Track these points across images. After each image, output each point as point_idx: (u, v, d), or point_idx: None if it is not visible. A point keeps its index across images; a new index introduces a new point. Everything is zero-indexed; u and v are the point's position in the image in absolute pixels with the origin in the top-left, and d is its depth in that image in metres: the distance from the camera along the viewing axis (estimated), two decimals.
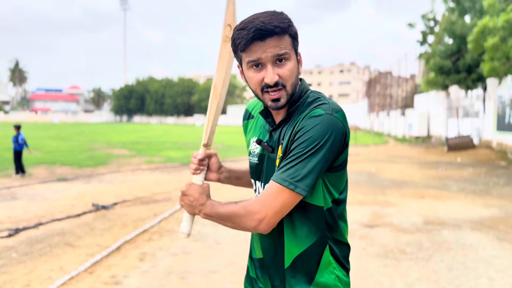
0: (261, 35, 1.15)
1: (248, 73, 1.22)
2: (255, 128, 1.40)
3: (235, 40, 1.20)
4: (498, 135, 16.96)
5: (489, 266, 4.23)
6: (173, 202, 7.09)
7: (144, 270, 4.01)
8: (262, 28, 1.14)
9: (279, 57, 1.17)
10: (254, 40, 1.16)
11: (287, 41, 1.19)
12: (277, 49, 1.17)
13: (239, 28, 1.19)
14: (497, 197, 7.93)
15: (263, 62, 1.18)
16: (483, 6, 13.40)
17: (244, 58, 1.21)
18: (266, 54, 1.17)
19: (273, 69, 1.18)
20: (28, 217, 5.96)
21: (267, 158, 1.30)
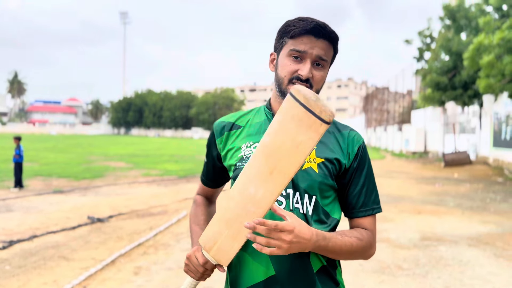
0: (318, 32, 1.20)
1: (285, 60, 1.24)
2: (248, 133, 1.31)
3: (288, 27, 1.23)
4: (495, 151, 17.03)
5: (486, 283, 4.20)
6: (169, 215, 7.05)
7: (138, 284, 3.97)
8: (322, 26, 1.20)
9: (320, 61, 1.23)
10: (310, 33, 1.20)
11: (331, 52, 1.25)
12: (323, 52, 1.22)
13: (297, 18, 1.23)
14: (494, 213, 7.92)
15: (305, 56, 1.21)
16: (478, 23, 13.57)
17: (288, 45, 1.23)
18: (313, 51, 1.21)
19: (310, 66, 1.21)
20: (22, 230, 5.91)
21: None
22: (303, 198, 1.20)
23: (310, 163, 1.21)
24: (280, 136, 1.06)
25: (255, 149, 1.13)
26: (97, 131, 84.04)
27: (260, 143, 1.11)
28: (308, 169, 1.20)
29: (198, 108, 76.53)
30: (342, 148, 1.26)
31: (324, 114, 1.02)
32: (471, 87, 16.66)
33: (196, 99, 79.75)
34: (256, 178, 1.08)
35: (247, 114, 1.39)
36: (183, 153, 24.81)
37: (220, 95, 77.31)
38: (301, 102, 1.03)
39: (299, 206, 1.20)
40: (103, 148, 27.65)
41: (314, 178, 1.20)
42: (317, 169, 1.21)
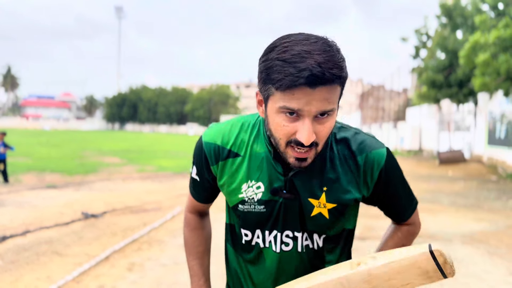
0: (315, 81, 0.89)
1: (277, 117, 0.96)
2: (249, 170, 1.12)
3: (272, 73, 0.93)
4: (489, 149, 17.12)
5: (480, 281, 4.22)
6: (163, 211, 7.03)
7: (132, 280, 3.95)
8: (319, 75, 0.89)
9: (323, 113, 0.95)
10: (303, 85, 0.90)
11: (337, 92, 0.95)
12: (325, 103, 0.93)
13: (283, 57, 0.91)
14: (487, 211, 7.96)
15: (302, 114, 0.94)
16: (475, 22, 13.61)
17: (276, 98, 0.94)
18: (310, 107, 0.92)
19: (312, 125, 0.94)
20: (15, 225, 5.86)
21: (282, 205, 1.10)
22: (312, 237, 1.13)
23: (319, 208, 1.09)
24: (393, 274, 0.96)
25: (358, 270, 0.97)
26: (91, 126, 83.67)
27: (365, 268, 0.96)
28: (317, 215, 1.10)
29: (193, 104, 76.42)
30: (359, 179, 1.09)
31: (450, 274, 0.95)
32: (466, 85, 16.73)
33: (191, 95, 79.63)
34: None
35: (241, 133, 1.14)
36: (177, 149, 24.76)
37: (216, 91, 77.20)
38: (438, 263, 0.94)
39: (308, 243, 1.13)
40: (97, 144, 27.54)
41: (323, 223, 1.11)
42: (327, 215, 1.10)
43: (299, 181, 1.08)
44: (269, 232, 1.12)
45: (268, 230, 1.13)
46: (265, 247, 1.13)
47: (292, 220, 1.11)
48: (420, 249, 0.93)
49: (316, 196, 1.08)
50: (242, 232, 1.16)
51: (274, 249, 1.12)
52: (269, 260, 1.13)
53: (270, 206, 1.10)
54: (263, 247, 1.14)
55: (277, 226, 1.12)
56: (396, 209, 1.19)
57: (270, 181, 1.09)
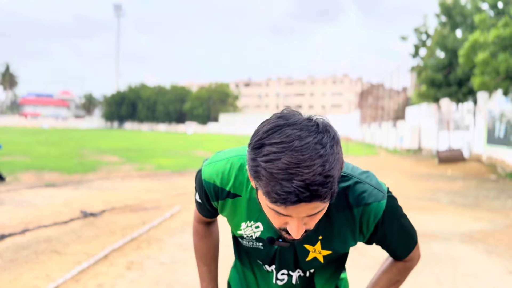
0: (304, 200, 0.86)
1: (267, 209, 0.95)
2: (249, 211, 1.13)
3: (261, 179, 0.87)
4: (488, 148, 17.13)
5: (478, 279, 4.22)
6: (162, 210, 7.02)
7: (131, 279, 3.95)
8: (306, 200, 0.85)
9: (312, 214, 0.93)
10: (293, 203, 0.86)
11: (327, 201, 0.90)
12: (314, 210, 0.91)
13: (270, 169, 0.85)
14: (486, 210, 7.97)
15: (291, 217, 0.93)
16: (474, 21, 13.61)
17: (264, 199, 0.92)
18: (298, 215, 0.91)
19: (302, 220, 0.94)
20: (14, 223, 5.85)
21: (278, 250, 1.15)
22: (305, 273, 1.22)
23: (314, 253, 1.13)
24: None
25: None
26: (90, 125, 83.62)
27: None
28: (312, 259, 1.15)
29: (192, 102, 76.36)
30: (354, 231, 1.11)
31: None
32: (466, 84, 16.74)
33: (190, 94, 79.55)
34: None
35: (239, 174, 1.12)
36: (176, 148, 24.75)
37: (215, 89, 77.16)
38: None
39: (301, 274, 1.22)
40: (96, 142, 27.51)
41: (318, 265, 1.18)
42: (322, 260, 1.16)
43: None
44: (267, 266, 1.23)
45: (267, 264, 1.22)
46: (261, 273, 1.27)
47: (287, 262, 1.18)
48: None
49: (312, 243, 1.12)
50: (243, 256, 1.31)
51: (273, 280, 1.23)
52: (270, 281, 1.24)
53: (267, 247, 1.16)
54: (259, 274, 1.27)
55: (274, 263, 1.20)
56: (393, 251, 1.21)
57: (269, 226, 1.12)
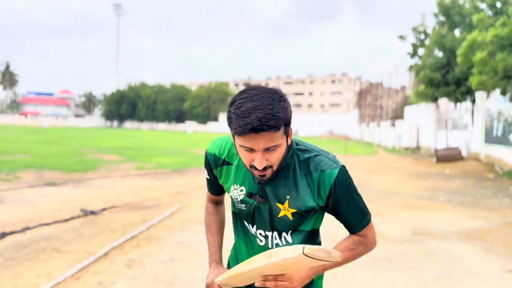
0: (257, 129, 1.22)
1: (240, 150, 1.33)
2: (236, 176, 1.49)
3: (232, 122, 1.27)
4: (486, 147, 17.18)
5: (475, 276, 4.27)
6: (162, 208, 7.06)
7: (131, 276, 3.99)
8: (258, 127, 1.22)
9: (270, 148, 1.29)
10: (251, 132, 1.23)
11: (279, 133, 1.27)
12: (269, 142, 1.27)
13: (237, 112, 1.25)
14: (484, 208, 8.02)
15: (255, 150, 1.29)
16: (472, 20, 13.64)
17: (237, 139, 1.31)
18: (258, 146, 1.27)
19: (263, 155, 1.29)
20: (15, 221, 5.89)
21: (255, 207, 1.45)
22: (281, 236, 1.45)
23: (284, 211, 1.41)
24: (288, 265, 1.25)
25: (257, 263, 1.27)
26: (89, 124, 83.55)
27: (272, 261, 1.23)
28: (283, 216, 1.42)
29: (192, 101, 76.29)
30: (313, 191, 1.39)
31: (333, 259, 1.20)
32: (464, 83, 16.77)
33: (190, 93, 79.48)
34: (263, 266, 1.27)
35: (232, 147, 1.51)
36: (176, 147, 24.78)
37: (214, 88, 77.10)
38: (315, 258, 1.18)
39: (278, 242, 1.46)
40: (96, 141, 27.53)
41: (288, 223, 1.43)
42: (291, 217, 1.42)
43: (269, 189, 1.42)
44: (249, 225, 1.51)
45: (248, 224, 1.51)
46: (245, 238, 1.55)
47: (263, 220, 1.44)
48: (296, 251, 1.17)
49: (281, 201, 1.41)
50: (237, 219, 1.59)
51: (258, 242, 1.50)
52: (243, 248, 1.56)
53: (248, 206, 1.46)
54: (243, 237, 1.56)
55: (253, 222, 1.47)
56: (347, 221, 1.45)
57: (249, 186, 1.45)
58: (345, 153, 22.45)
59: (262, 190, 1.43)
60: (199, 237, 5.39)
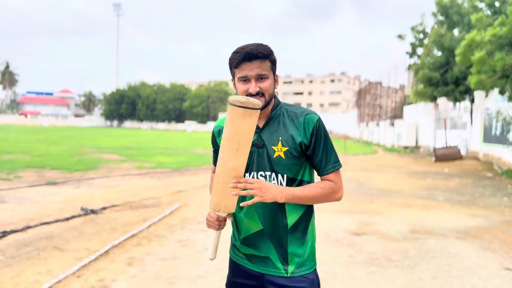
0: (249, 57, 1.63)
1: (238, 84, 1.70)
2: None
3: (231, 60, 1.68)
4: (485, 146, 17.23)
5: (473, 274, 4.31)
6: (162, 207, 7.10)
7: (132, 274, 4.03)
8: (250, 53, 1.63)
9: (261, 76, 1.66)
10: (244, 61, 1.64)
11: (267, 65, 1.68)
12: (259, 70, 1.65)
13: (234, 51, 1.67)
14: (482, 207, 8.06)
15: (249, 78, 1.66)
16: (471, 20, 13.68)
17: (236, 73, 1.69)
18: (251, 73, 1.65)
19: (256, 83, 1.67)
20: (16, 220, 5.92)
21: (255, 153, 1.75)
22: (277, 177, 1.73)
23: (278, 152, 1.71)
24: (234, 128, 1.61)
25: (222, 139, 1.65)
26: (89, 123, 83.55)
27: (223, 136, 1.64)
28: (277, 157, 1.71)
29: (192, 101, 76.28)
30: (300, 131, 1.73)
31: (253, 105, 1.58)
32: (462, 83, 16.80)
33: (190, 92, 79.47)
34: (229, 156, 1.63)
35: None
36: (176, 146, 24.81)
37: (214, 88, 77.11)
38: (238, 105, 1.58)
39: (275, 182, 1.73)
40: (96, 141, 27.56)
41: (283, 163, 1.72)
42: (284, 156, 1.71)
43: (265, 135, 1.74)
44: (249, 174, 1.75)
45: (248, 172, 1.75)
46: None
47: (262, 162, 1.73)
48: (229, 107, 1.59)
49: (275, 144, 1.71)
50: None
51: None
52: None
53: (249, 154, 1.71)
54: None
55: (253, 168, 1.74)
56: (321, 161, 1.75)
57: None
58: (344, 152, 22.48)
59: (260, 138, 1.74)
60: (199, 235, 5.43)
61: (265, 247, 1.77)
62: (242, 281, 1.84)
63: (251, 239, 1.79)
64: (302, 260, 1.77)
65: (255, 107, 1.58)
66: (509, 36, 11.21)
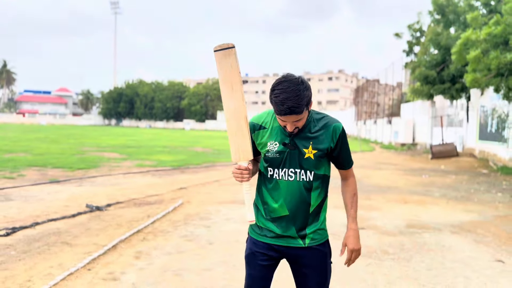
0: (290, 113, 1.90)
1: (279, 120, 2.00)
2: (271, 134, 2.10)
3: (272, 105, 1.94)
4: (481, 143, 17.45)
5: (466, 266, 4.51)
6: (165, 204, 7.28)
7: (140, 267, 4.21)
8: (290, 112, 1.89)
9: (297, 120, 1.96)
10: (284, 114, 1.91)
11: (303, 112, 1.94)
12: (295, 118, 1.94)
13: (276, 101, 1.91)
14: (477, 203, 8.27)
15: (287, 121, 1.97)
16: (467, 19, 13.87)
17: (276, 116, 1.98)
18: (290, 121, 1.95)
19: (292, 124, 1.97)
20: (23, 217, 6.09)
21: (288, 153, 2.06)
22: (306, 173, 2.07)
23: (309, 153, 2.04)
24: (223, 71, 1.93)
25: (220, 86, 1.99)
26: (87, 122, 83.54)
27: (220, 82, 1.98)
28: (308, 158, 2.04)
29: (190, 99, 76.31)
30: (328, 137, 2.05)
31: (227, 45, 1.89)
32: (459, 81, 17.00)
33: (188, 90, 79.46)
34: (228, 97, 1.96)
35: (267, 117, 2.15)
36: (175, 144, 24.96)
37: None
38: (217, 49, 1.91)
39: (304, 177, 2.06)
40: (96, 139, 27.69)
41: (311, 162, 2.06)
42: (313, 157, 2.05)
43: (297, 139, 2.04)
44: (281, 169, 2.07)
45: (281, 168, 2.07)
46: (279, 179, 2.08)
47: (294, 161, 2.05)
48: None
49: (306, 146, 2.04)
50: (268, 170, 2.11)
51: (285, 179, 2.06)
52: (282, 186, 2.07)
53: (282, 153, 2.06)
54: (278, 179, 2.08)
55: (286, 165, 2.06)
56: (343, 160, 2.15)
57: (282, 140, 2.06)
58: None
59: (292, 141, 2.05)
60: (202, 230, 5.61)
61: (287, 228, 2.09)
62: (263, 251, 2.13)
63: (277, 220, 2.10)
64: (317, 234, 2.14)
65: (229, 46, 1.89)
66: (503, 35, 11.41)
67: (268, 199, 2.12)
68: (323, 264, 2.14)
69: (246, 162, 2.01)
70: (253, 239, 2.18)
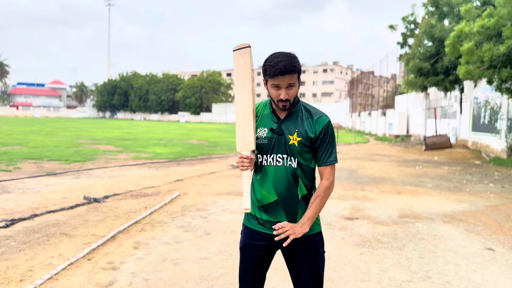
0: (284, 72, 2.00)
1: (271, 90, 2.10)
2: (261, 122, 2.21)
3: (266, 71, 2.05)
4: (474, 135, 17.63)
5: (457, 254, 4.63)
6: (162, 195, 7.36)
7: (139, 257, 4.29)
8: (284, 70, 2.00)
9: (290, 84, 2.05)
10: (278, 75, 2.01)
11: (296, 76, 2.05)
12: (290, 81, 2.04)
13: (269, 64, 2.03)
14: (469, 193, 8.41)
15: (281, 86, 2.05)
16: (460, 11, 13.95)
17: (269, 81, 2.07)
18: (284, 83, 2.04)
19: (285, 91, 2.06)
20: (22, 209, 6.15)
21: (275, 139, 2.15)
22: (292, 160, 2.14)
23: (293, 140, 2.12)
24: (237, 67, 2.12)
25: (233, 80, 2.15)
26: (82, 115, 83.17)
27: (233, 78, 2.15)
28: (292, 144, 2.12)
29: (185, 91, 76.07)
30: (312, 128, 2.13)
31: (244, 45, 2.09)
32: (452, 73, 17.13)
33: (183, 83, 79.18)
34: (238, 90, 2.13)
35: (259, 105, 2.27)
36: (170, 137, 24.98)
37: (207, 78, 76.90)
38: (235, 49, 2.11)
39: (291, 163, 2.13)
40: (90, 132, 27.64)
41: (295, 149, 2.13)
42: (297, 144, 2.12)
43: (284, 126, 2.13)
44: (270, 155, 2.15)
45: (269, 154, 2.16)
46: (267, 165, 2.16)
47: (281, 147, 2.13)
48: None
49: (292, 133, 2.12)
50: (258, 157, 2.20)
51: (273, 164, 2.14)
52: (270, 171, 2.15)
53: (270, 140, 2.15)
54: (267, 165, 2.16)
55: (274, 151, 2.14)
56: (322, 154, 2.14)
57: (271, 126, 2.16)
58: (337, 142, 22.81)
59: (280, 127, 2.14)
60: (199, 221, 5.71)
61: (278, 214, 2.15)
62: (257, 242, 2.20)
63: (267, 207, 2.16)
64: None
65: (245, 46, 2.09)
66: (496, 27, 11.50)
67: (257, 186, 2.18)
68: (314, 254, 2.18)
69: (248, 152, 2.10)
70: (247, 230, 2.24)
